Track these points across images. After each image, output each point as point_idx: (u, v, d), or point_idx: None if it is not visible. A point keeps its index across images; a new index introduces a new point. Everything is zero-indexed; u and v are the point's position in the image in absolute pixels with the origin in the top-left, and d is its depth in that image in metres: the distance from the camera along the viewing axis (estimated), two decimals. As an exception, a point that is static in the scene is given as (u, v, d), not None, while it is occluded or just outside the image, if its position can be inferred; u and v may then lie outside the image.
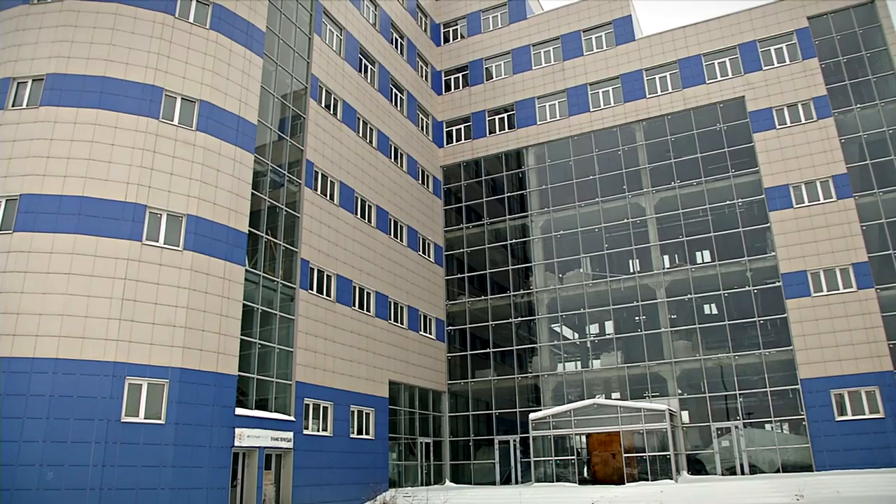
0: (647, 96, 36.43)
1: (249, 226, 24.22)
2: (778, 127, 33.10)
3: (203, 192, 22.65)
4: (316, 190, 28.49)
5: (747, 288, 32.18)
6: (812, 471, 27.88)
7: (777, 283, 31.44)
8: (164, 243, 21.53)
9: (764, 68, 34.26)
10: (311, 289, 27.09)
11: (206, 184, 22.80)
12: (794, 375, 29.93)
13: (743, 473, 29.62)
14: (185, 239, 21.90)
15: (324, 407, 26.54)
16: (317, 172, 28.77)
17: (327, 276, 28.25)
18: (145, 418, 19.82)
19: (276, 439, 23.60)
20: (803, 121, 32.69)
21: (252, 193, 24.60)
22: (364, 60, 34.31)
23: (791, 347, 30.18)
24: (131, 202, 21.20)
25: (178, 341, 20.81)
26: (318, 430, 26.07)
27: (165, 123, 22.56)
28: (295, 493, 23.99)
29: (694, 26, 36.44)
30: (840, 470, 26.78)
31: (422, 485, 32.21)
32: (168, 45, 23.32)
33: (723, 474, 29.92)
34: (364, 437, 28.59)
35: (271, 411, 24.06)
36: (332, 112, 30.64)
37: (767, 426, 30.94)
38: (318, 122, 29.32)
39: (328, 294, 28.13)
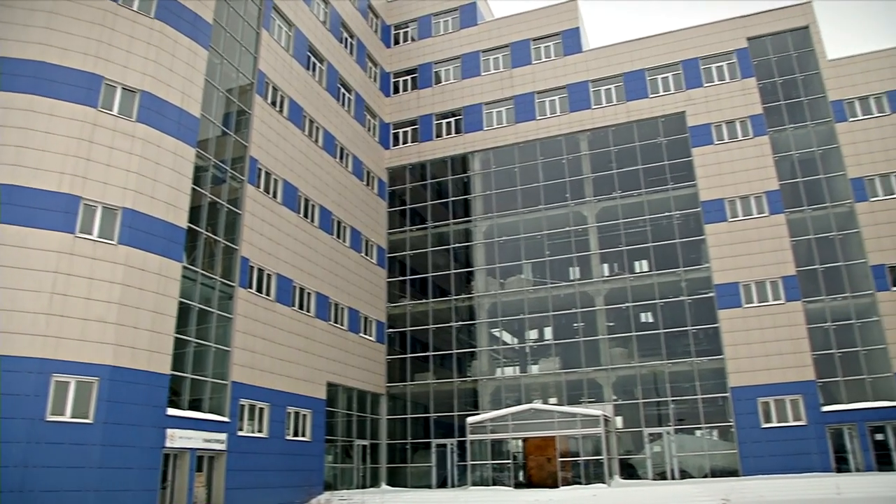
0: (593, 107, 37.12)
1: (189, 222, 23.65)
2: (716, 142, 34.18)
3: (141, 185, 22.01)
4: (259, 187, 28.03)
5: (682, 298, 33.11)
6: (739, 476, 28.86)
7: (710, 294, 32.44)
8: (98, 237, 20.82)
9: (704, 85, 35.34)
10: (251, 287, 26.62)
11: (144, 177, 22.16)
12: (724, 383, 30.93)
13: (673, 478, 30.42)
14: (120, 233, 21.23)
15: (260, 408, 26.09)
16: (260, 170, 28.30)
17: (267, 274, 27.81)
18: (72, 417, 19.08)
19: (209, 441, 23.08)
20: (740, 137, 33.86)
21: (193, 188, 24.03)
22: (313, 58, 33.94)
23: (722, 356, 31.18)
24: (65, 193, 20.44)
25: (110, 338, 20.15)
26: (254, 432, 25.61)
27: (104, 113, 21.83)
28: (227, 496, 23.50)
29: (639, 41, 37.34)
30: (765, 475, 27.83)
31: (358, 488, 32.00)
32: (110, 32, 22.58)
33: (654, 479, 30.68)
34: (300, 439, 28.23)
35: (205, 412, 23.53)
36: (278, 109, 30.21)
37: (697, 432, 31.89)
38: (263, 118, 28.86)
39: (268, 293, 27.69)
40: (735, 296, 31.68)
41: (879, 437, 28.46)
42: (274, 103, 30.01)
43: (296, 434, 28.05)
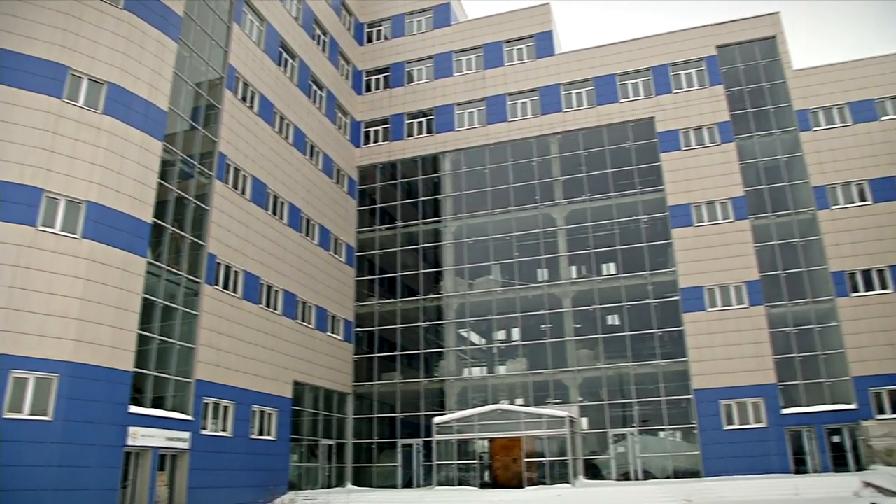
0: (564, 110, 37.39)
1: (155, 216, 23.27)
2: (684, 148, 34.66)
3: (106, 178, 21.61)
4: (227, 183, 27.70)
5: (648, 301, 33.50)
6: (701, 477, 29.30)
7: (676, 297, 32.88)
8: (61, 230, 20.39)
9: (674, 91, 35.82)
10: (217, 284, 26.29)
11: (109, 170, 21.76)
12: (688, 386, 31.38)
13: (637, 479, 30.78)
14: (83, 226, 20.81)
15: (224, 406, 25.79)
16: (229, 165, 27.97)
17: (235, 271, 27.49)
18: (31, 415, 18.64)
19: (172, 439, 22.75)
20: (707, 144, 34.37)
21: (159, 183, 23.66)
22: (284, 54, 33.65)
23: (686, 359, 31.62)
24: (27, 185, 19.96)
25: (71, 334, 19.74)
26: (218, 431, 25.29)
27: (69, 104, 21.39)
28: (190, 495, 23.18)
29: (611, 46, 37.71)
30: (726, 476, 28.29)
31: (323, 488, 31.80)
32: (77, 21, 22.13)
33: (618, 479, 31.00)
34: (265, 438, 27.96)
35: (168, 410, 23.16)
36: (248, 104, 29.89)
37: (661, 434, 32.32)
38: (233, 113, 28.54)
39: (234, 290, 27.38)
40: (700, 299, 32.16)
41: (836, 439, 29.15)
42: (244, 98, 29.69)
43: (261, 433, 27.78)
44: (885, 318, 29.65)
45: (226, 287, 26.81)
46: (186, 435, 23.41)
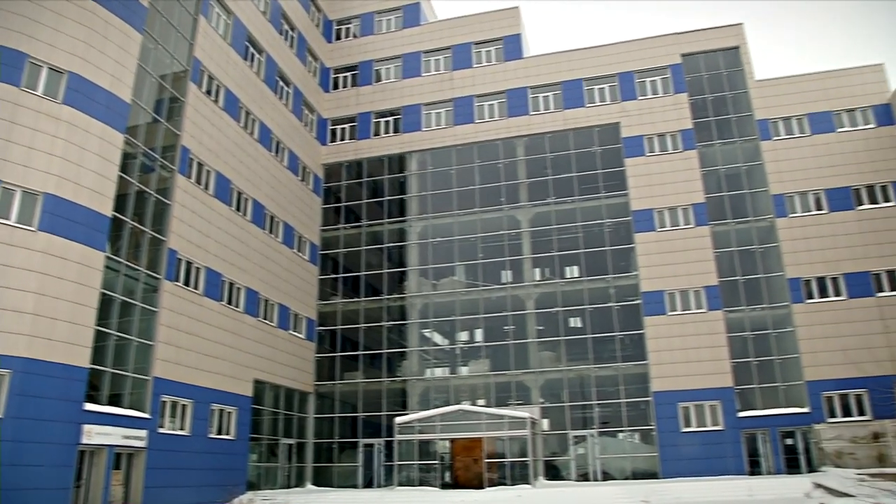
0: (531, 113, 37.63)
1: (115, 210, 22.79)
2: (647, 154, 35.15)
3: (65, 170, 21.09)
4: (190, 178, 27.26)
5: (610, 304, 33.87)
6: (658, 478, 29.73)
7: (637, 301, 33.31)
8: (16, 222, 19.84)
9: (639, 98, 36.30)
10: (178, 280, 25.85)
11: (68, 162, 21.25)
12: (647, 388, 31.84)
13: (596, 480, 31.10)
14: (40, 218, 20.28)
15: (183, 404, 25.36)
16: (192, 160, 27.53)
17: (196, 268, 27.07)
18: (-20, 412, 18.14)
19: (129, 437, 22.31)
20: (670, 150, 34.92)
21: (120, 176, 23.17)
22: (251, 48, 33.26)
23: (646, 362, 32.07)
24: (-19, 175, 19.40)
25: (25, 329, 19.21)
26: (175, 429, 24.87)
27: (27, 93, 20.82)
28: (146, 495, 22.75)
29: (578, 51, 38.07)
30: (684, 477, 28.76)
31: (282, 487, 31.50)
32: (37, 8, 21.56)
33: (577, 480, 31.30)
34: (224, 437, 27.58)
35: (125, 408, 22.68)
36: (213, 98, 29.46)
37: (620, 435, 32.70)
38: (197, 107, 28.10)
39: (195, 287, 26.96)
40: (660, 303, 32.65)
41: (789, 441, 29.86)
42: (209, 92, 29.25)
43: (220, 432, 27.40)
44: (838, 324, 30.45)
45: (186, 283, 26.39)
46: (143, 433, 22.97)
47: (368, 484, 33.65)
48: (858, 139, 33.19)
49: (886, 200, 32.13)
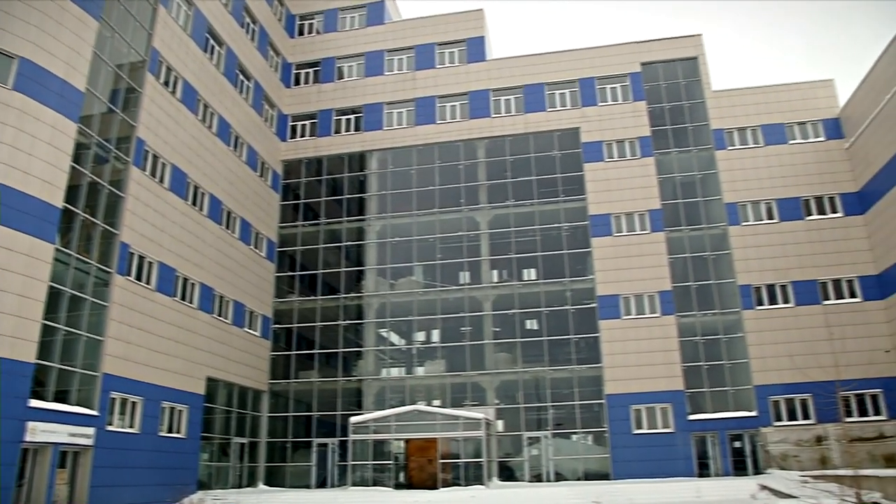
0: (492, 116, 37.83)
1: (65, 201, 22.14)
2: (606, 160, 35.64)
3: (14, 158, 20.42)
4: (145, 170, 26.67)
5: (566, 307, 34.22)
6: (610, 479, 30.15)
7: (593, 305, 33.73)
8: (-39, 211, 19.16)
9: (599, 104, 36.79)
10: (130, 275, 25.26)
11: (18, 150, 20.58)
12: (601, 391, 32.25)
13: (549, 481, 31.39)
14: (-14, 208, 19.60)
15: (133, 402, 24.77)
16: (147, 152, 26.94)
17: (149, 262, 26.49)
18: (-82, 407, 17.44)
19: (75, 435, 21.69)
20: (628, 157, 35.46)
21: (72, 166, 22.51)
22: (211, 40, 32.70)
23: (600, 365, 32.49)
24: (-76, 161, 18.67)
25: (-32, 322, 18.55)
26: (124, 427, 24.27)
27: (-25, 77, 20.14)
28: (92, 494, 22.15)
29: (541, 56, 38.40)
30: (635, 479, 29.22)
31: (234, 487, 31.04)
32: (-13, -9, 20.87)
33: (530, 481, 31.54)
34: (175, 435, 27.02)
35: (72, 404, 22.06)
36: (170, 90, 28.87)
37: (574, 437, 33.06)
38: (154, 98, 27.51)
39: (148, 282, 26.37)
40: (615, 307, 33.12)
41: (737, 444, 30.57)
42: (167, 83, 28.67)
43: (170, 430, 26.84)
44: (786, 330, 31.33)
45: (139, 278, 25.80)
46: (91, 431, 22.37)
47: (322, 484, 33.37)
48: (809, 151, 34.21)
49: (834, 211, 33.19)
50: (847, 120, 34.04)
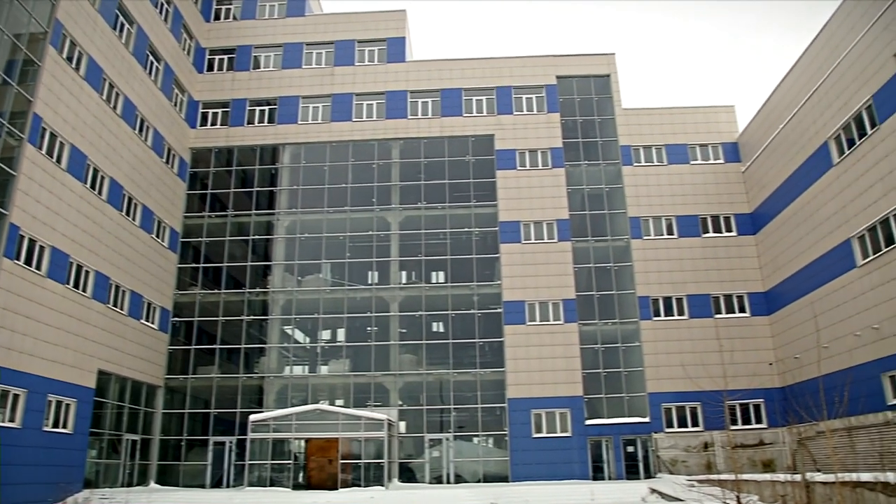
0: (409, 117, 37.88)
1: (-50, 176, 20.63)
2: (518, 168, 36.37)
3: None
4: (41, 149, 25.14)
5: (473, 311, 34.64)
6: (509, 482, 30.71)
7: (499, 310, 34.31)
8: None
9: (514, 113, 37.52)
10: (18, 259, 23.71)
11: None
12: (503, 395, 32.82)
13: (449, 482, 31.65)
14: None
15: (15, 394, 23.22)
16: (44, 130, 25.41)
17: (40, 246, 24.96)
18: None
19: (-51, 428, 20.20)
20: (540, 166, 36.32)
21: (-41, 139, 21.00)
22: (121, 17, 31.22)
23: (503, 369, 33.07)
24: None
25: None
26: (5, 421, 22.70)
27: None
28: (-36, 492, 20.68)
29: (460, 61, 38.79)
30: (532, 481, 29.93)
31: (124, 486, 29.62)
32: None
33: (431, 483, 31.70)
34: (60, 430, 25.52)
35: (-53, 395, 20.55)
36: (73, 66, 27.35)
37: (475, 440, 33.48)
38: (55, 73, 25.99)
39: (38, 267, 24.84)
40: (521, 313, 33.82)
41: (630, 449, 31.85)
42: (70, 59, 27.14)
43: (56, 425, 25.33)
44: (680, 341, 32.92)
45: (28, 262, 24.26)
46: (-34, 424, 20.88)
47: (217, 484, 32.36)
48: (708, 172, 36.11)
49: (728, 230, 35.16)
50: (745, 144, 36.13)
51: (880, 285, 24.94)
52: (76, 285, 27.13)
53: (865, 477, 15.39)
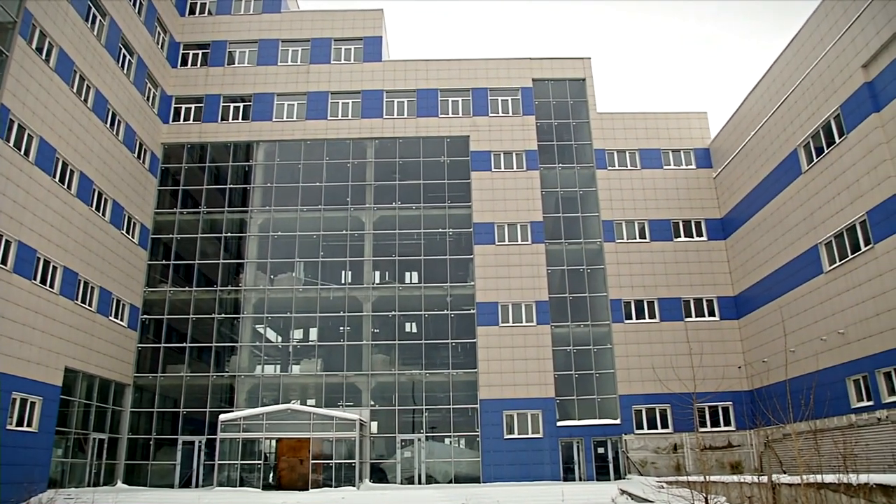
0: (384, 117, 37.79)
1: (-86, 168, 20.12)
2: (493, 170, 36.50)
3: None
4: (8, 141, 24.64)
5: (446, 312, 34.66)
6: (480, 483, 30.79)
7: (472, 311, 34.39)
8: None
9: (490, 115, 37.65)
10: (-16, 253, 23.23)
11: None
12: (475, 396, 32.90)
13: (420, 483, 31.64)
14: None
15: (-22, 391, 22.77)
16: (12, 122, 24.91)
17: (6, 241, 24.44)
18: None
19: None
20: (515, 168, 36.49)
21: (-76, 130, 20.49)
22: (94, 9, 30.70)
23: (476, 370, 33.16)
24: None
25: None
26: (-33, 418, 22.28)
27: None
28: (-76, 491, 20.19)
29: (436, 62, 38.81)
30: (504, 482, 30.07)
31: (90, 485, 29.10)
32: None
33: (402, 483, 31.66)
34: (25, 429, 24.99)
35: None
36: (43, 57, 26.84)
37: (447, 440, 33.50)
38: (24, 64, 25.48)
39: (4, 262, 24.31)
40: (494, 314, 33.93)
41: (601, 450, 32.14)
42: (40, 50, 26.63)
43: (20, 423, 24.78)
44: (650, 344, 33.29)
45: (-6, 257, 23.78)
46: (-73, 422, 20.38)
47: (186, 483, 31.96)
48: (681, 177, 36.58)
49: (699, 235, 35.66)
50: (716, 151, 36.66)
51: (846, 291, 25.48)
52: (43, 281, 26.61)
53: (829, 478, 15.68)
